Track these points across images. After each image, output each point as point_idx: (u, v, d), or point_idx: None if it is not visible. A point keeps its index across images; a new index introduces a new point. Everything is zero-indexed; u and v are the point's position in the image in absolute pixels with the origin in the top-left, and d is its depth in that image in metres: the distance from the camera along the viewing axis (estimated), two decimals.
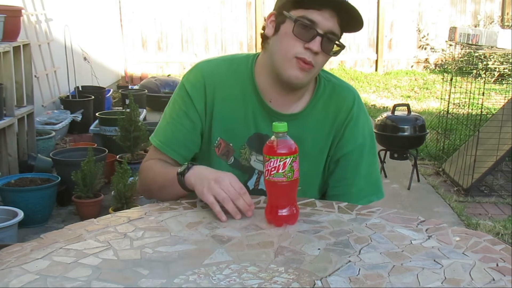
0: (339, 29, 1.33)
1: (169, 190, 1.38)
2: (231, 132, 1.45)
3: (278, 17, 1.36)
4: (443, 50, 9.32)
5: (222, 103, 1.44)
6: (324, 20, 1.30)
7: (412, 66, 9.60)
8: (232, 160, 1.47)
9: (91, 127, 4.84)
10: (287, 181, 1.19)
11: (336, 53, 1.36)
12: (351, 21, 1.32)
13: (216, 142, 1.46)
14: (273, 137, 1.20)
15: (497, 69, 7.58)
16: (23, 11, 4.21)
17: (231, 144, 1.46)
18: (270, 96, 1.43)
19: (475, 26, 8.88)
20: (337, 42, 1.34)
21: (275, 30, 1.37)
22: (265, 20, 1.41)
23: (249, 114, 1.44)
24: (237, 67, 1.46)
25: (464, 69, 5.84)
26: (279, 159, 1.17)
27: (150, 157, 1.50)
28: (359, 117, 1.47)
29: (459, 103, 4.71)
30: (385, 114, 4.19)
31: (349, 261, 1.03)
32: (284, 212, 1.20)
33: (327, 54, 1.34)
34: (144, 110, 5.74)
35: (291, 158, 1.18)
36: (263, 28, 1.41)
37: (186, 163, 1.35)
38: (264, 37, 1.41)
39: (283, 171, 1.18)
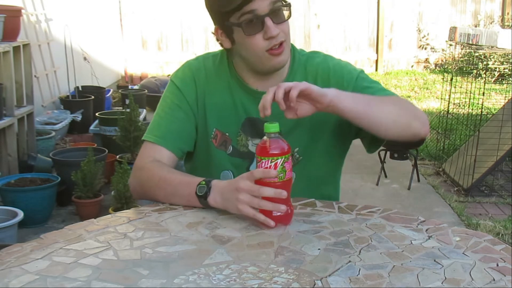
0: None
1: (179, 201, 1.34)
2: (224, 121, 1.48)
3: (225, 29, 1.39)
4: (443, 50, 9.32)
5: (213, 95, 1.49)
6: (259, 3, 1.31)
7: (412, 66, 9.60)
8: (231, 149, 1.49)
9: (91, 127, 4.84)
10: (279, 182, 1.18)
11: (289, 11, 1.37)
12: None
13: (213, 133, 1.49)
14: (265, 138, 1.19)
15: (497, 69, 7.58)
16: (23, 11, 4.21)
17: (227, 134, 1.48)
18: (256, 85, 1.46)
19: (475, 26, 8.87)
20: (287, 4, 1.35)
21: (231, 41, 1.41)
22: (213, 34, 1.45)
23: (237, 102, 1.48)
24: (220, 61, 1.51)
25: (464, 69, 5.84)
26: (270, 160, 1.17)
27: (146, 156, 1.46)
28: (336, 65, 1.48)
29: (459, 103, 4.71)
30: None
31: (349, 261, 1.03)
32: (278, 212, 1.19)
33: (285, 21, 1.36)
34: (144, 110, 5.73)
35: (283, 159, 1.17)
36: (217, 39, 1.44)
37: (204, 182, 1.28)
38: (226, 49, 1.46)
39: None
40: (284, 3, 1.35)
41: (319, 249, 1.08)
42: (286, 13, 1.36)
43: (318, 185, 1.53)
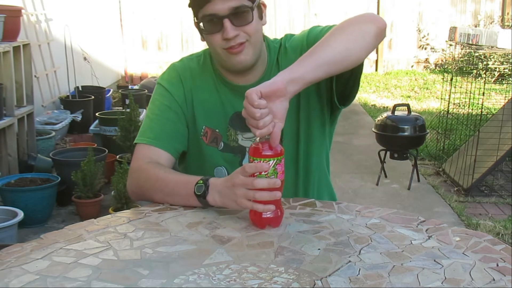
0: None
1: (177, 201, 1.34)
2: (212, 117, 1.50)
3: (197, 24, 1.42)
4: (443, 50, 9.32)
5: (199, 93, 1.51)
6: (219, 5, 1.32)
7: (412, 66, 9.60)
8: (222, 145, 1.51)
9: (91, 127, 4.84)
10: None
11: (260, 16, 1.39)
12: None
13: (202, 131, 1.50)
14: (258, 139, 1.19)
15: (497, 69, 7.58)
16: (23, 11, 4.21)
17: (217, 130, 1.50)
18: (237, 80, 1.47)
19: (475, 26, 8.88)
20: (250, 7, 1.34)
21: (202, 36, 1.44)
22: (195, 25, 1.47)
23: (223, 98, 1.50)
24: (204, 61, 1.54)
25: (464, 69, 5.84)
26: (262, 161, 1.17)
27: (142, 158, 1.45)
28: (292, 42, 1.50)
29: (459, 103, 4.71)
30: (385, 114, 4.19)
31: (349, 261, 1.03)
32: (268, 214, 1.19)
33: (248, 24, 1.36)
34: (144, 110, 5.72)
35: (275, 161, 1.17)
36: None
37: (201, 181, 1.28)
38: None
39: (265, 173, 1.16)
40: (246, 7, 1.34)
41: (319, 249, 1.08)
42: (255, 14, 1.36)
43: (305, 171, 1.53)
